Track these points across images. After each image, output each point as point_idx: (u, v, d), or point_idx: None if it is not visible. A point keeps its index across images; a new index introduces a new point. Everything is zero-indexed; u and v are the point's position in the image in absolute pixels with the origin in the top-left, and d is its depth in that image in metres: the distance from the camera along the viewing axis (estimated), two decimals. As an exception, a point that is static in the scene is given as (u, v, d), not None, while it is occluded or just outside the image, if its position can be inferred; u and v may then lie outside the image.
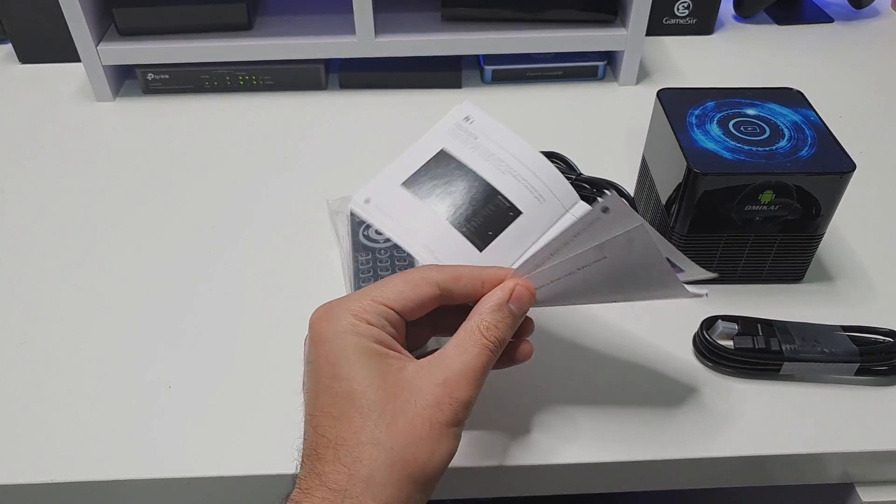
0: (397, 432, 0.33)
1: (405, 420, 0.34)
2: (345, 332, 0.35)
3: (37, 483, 0.43)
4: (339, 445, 0.33)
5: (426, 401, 0.34)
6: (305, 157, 0.69)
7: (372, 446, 0.33)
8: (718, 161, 0.49)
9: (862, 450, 0.44)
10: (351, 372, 0.34)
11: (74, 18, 0.72)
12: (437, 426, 0.34)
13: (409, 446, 0.33)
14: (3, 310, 0.53)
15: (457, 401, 0.34)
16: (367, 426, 0.33)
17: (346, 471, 0.33)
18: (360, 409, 0.34)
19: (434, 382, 0.35)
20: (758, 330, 0.48)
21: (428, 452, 0.33)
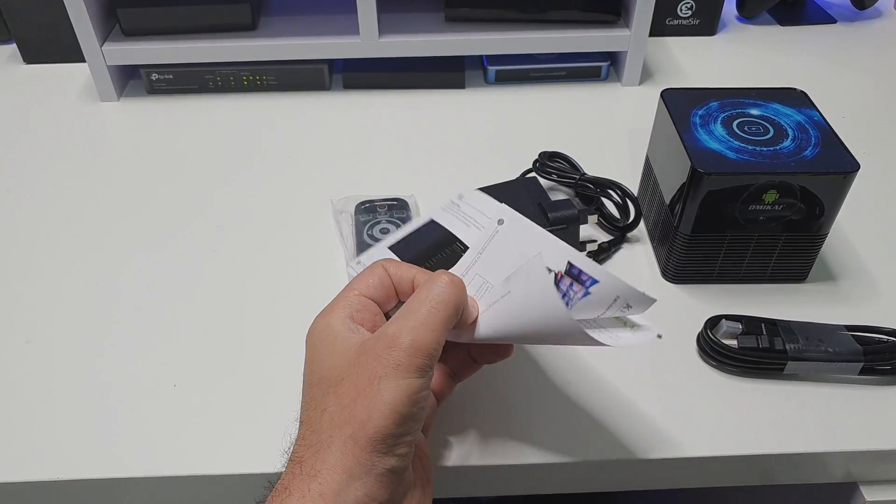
0: (342, 393, 0.34)
1: (348, 382, 0.34)
2: (322, 329, 0.37)
3: (43, 480, 0.43)
4: (303, 424, 0.35)
5: (368, 357, 0.34)
6: (309, 158, 0.69)
7: (322, 413, 0.34)
8: (722, 161, 0.49)
9: (866, 449, 0.44)
10: (322, 360, 0.36)
11: (79, 19, 0.72)
12: (377, 380, 0.33)
13: (348, 406, 0.33)
14: (9, 308, 0.54)
15: (396, 347, 0.34)
16: (322, 399, 0.35)
17: (304, 443, 0.34)
18: (321, 386, 0.35)
19: (376, 337, 0.35)
20: (762, 329, 0.48)
21: (366, 408, 0.33)
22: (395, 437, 0.33)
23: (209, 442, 0.44)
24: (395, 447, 0.33)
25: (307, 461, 0.33)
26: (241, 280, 0.56)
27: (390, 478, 0.34)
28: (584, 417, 0.45)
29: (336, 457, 0.33)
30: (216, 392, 0.47)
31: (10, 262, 0.58)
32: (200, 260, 0.58)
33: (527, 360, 0.49)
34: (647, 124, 0.59)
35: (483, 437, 0.45)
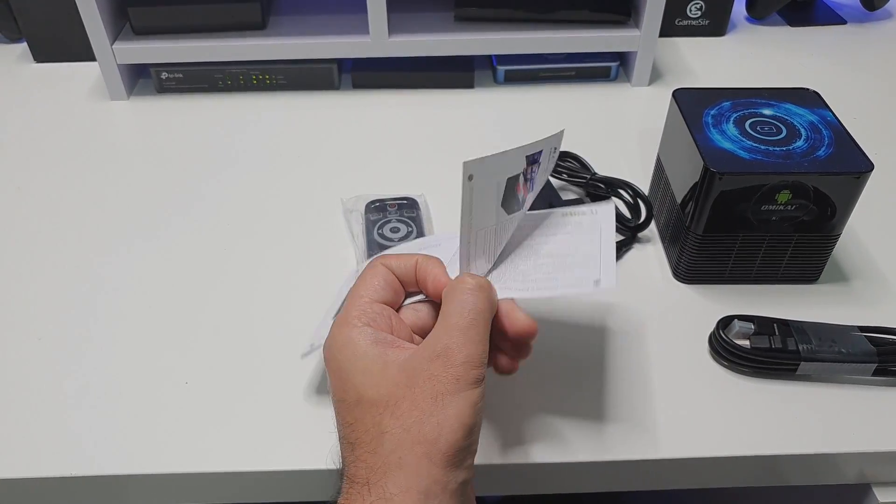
0: (402, 415, 0.34)
1: (407, 402, 0.34)
2: (344, 344, 0.36)
3: (55, 477, 0.43)
4: (356, 445, 0.35)
5: (423, 377, 0.34)
6: (319, 157, 0.70)
7: (382, 435, 0.34)
8: (735, 161, 0.48)
9: (879, 450, 0.44)
10: (356, 378, 0.35)
11: (90, 17, 0.72)
12: (440, 397, 0.34)
13: (415, 425, 0.33)
14: (21, 306, 0.54)
15: (451, 366, 0.34)
16: (376, 420, 0.34)
17: (364, 465, 0.34)
18: (369, 408, 0.35)
19: (425, 359, 0.35)
20: (774, 330, 0.48)
21: (435, 426, 0.33)
22: (465, 450, 0.34)
23: (221, 439, 0.44)
24: (465, 459, 0.34)
25: (375, 484, 0.33)
26: (253, 278, 0.56)
27: (462, 490, 0.34)
28: (594, 417, 0.45)
29: (410, 479, 0.33)
30: (228, 390, 0.47)
31: (21, 259, 0.58)
32: (212, 258, 0.58)
33: (534, 359, 0.48)
34: (657, 124, 0.59)
35: (489, 436, 0.44)
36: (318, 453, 0.43)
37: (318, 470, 0.43)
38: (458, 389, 0.34)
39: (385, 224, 0.58)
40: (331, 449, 0.41)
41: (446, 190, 0.62)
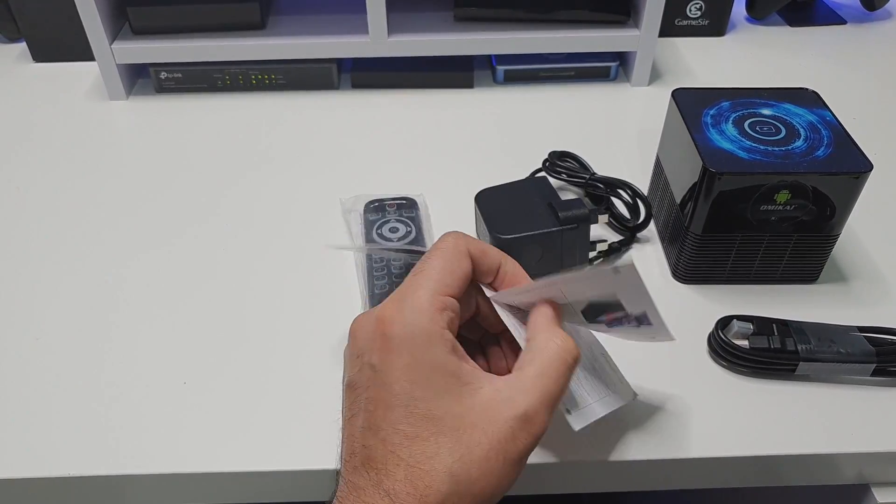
0: (471, 464, 0.32)
1: (480, 452, 0.32)
2: (423, 343, 0.34)
3: (52, 477, 0.43)
4: (411, 466, 0.32)
5: (503, 434, 0.33)
6: (318, 157, 0.70)
7: (445, 475, 0.32)
8: (734, 161, 0.48)
9: (878, 450, 0.44)
10: (429, 392, 0.33)
11: (89, 17, 0.72)
12: (511, 461, 0.33)
13: (480, 480, 0.32)
14: (18, 306, 0.54)
15: (533, 435, 0.33)
16: (441, 453, 0.32)
17: (416, 494, 0.32)
18: (436, 434, 0.32)
19: (513, 415, 0.33)
20: (773, 330, 0.48)
21: (496, 486, 0.33)
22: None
23: (218, 439, 0.44)
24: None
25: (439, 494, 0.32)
26: (251, 278, 0.56)
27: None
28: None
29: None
30: (226, 390, 0.47)
31: (19, 259, 0.58)
32: (210, 258, 0.58)
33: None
34: (657, 125, 0.59)
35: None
36: (317, 453, 0.43)
37: (317, 470, 0.43)
38: (525, 457, 0.34)
39: (384, 224, 0.58)
40: (336, 445, 0.41)
41: (445, 190, 0.62)
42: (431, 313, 0.34)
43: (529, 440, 0.33)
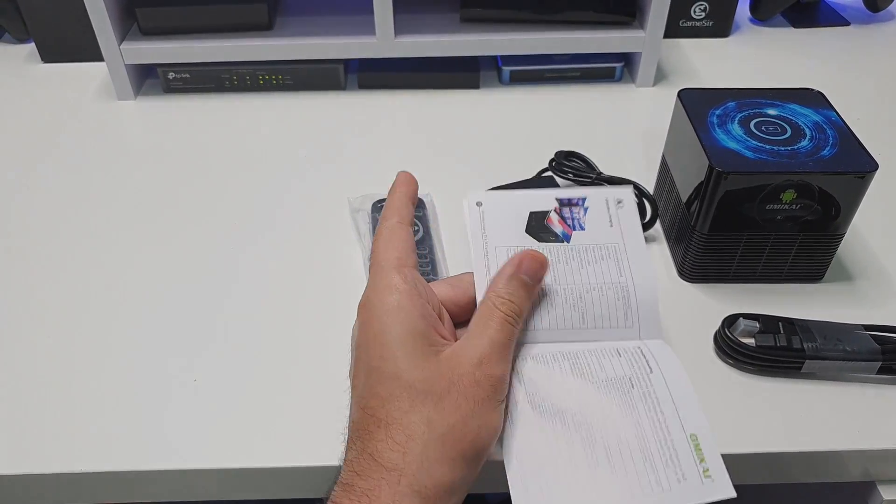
0: (445, 411, 0.35)
1: (451, 400, 0.35)
2: (392, 309, 0.37)
3: (66, 472, 0.43)
4: (390, 424, 0.35)
5: (467, 381, 0.36)
6: (325, 157, 0.70)
7: (423, 425, 0.34)
8: (740, 160, 0.49)
9: (884, 448, 0.44)
10: (397, 352, 0.36)
11: (98, 18, 0.72)
12: (481, 403, 0.35)
13: (458, 424, 0.34)
14: (30, 305, 0.54)
15: (492, 377, 0.36)
16: (416, 406, 0.35)
17: (399, 449, 0.34)
18: (408, 388, 0.35)
19: (470, 363, 0.36)
20: (779, 328, 0.48)
21: (475, 429, 0.35)
22: (486, 456, 0.36)
23: (228, 436, 0.45)
24: (481, 463, 0.36)
25: (408, 473, 0.33)
26: (259, 277, 0.56)
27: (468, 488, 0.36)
28: (602, 414, 0.46)
29: (445, 475, 0.34)
30: (235, 387, 0.48)
31: (29, 259, 0.58)
32: (218, 257, 0.58)
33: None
34: (662, 125, 0.59)
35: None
36: (324, 450, 0.44)
37: (324, 466, 0.43)
38: (495, 399, 0.36)
39: (392, 223, 0.58)
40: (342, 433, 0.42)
41: (453, 189, 0.63)
42: (395, 283, 0.37)
43: (491, 382, 0.36)
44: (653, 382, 0.40)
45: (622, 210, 0.45)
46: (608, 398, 0.39)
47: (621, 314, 0.43)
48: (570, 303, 0.43)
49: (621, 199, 0.45)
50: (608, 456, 0.37)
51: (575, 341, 0.42)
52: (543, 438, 0.38)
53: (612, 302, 0.43)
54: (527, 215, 0.45)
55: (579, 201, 0.45)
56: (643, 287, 0.43)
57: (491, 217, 0.44)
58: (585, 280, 0.43)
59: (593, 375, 0.40)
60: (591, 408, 0.39)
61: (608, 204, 0.45)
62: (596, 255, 0.44)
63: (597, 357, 0.41)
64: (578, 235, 0.44)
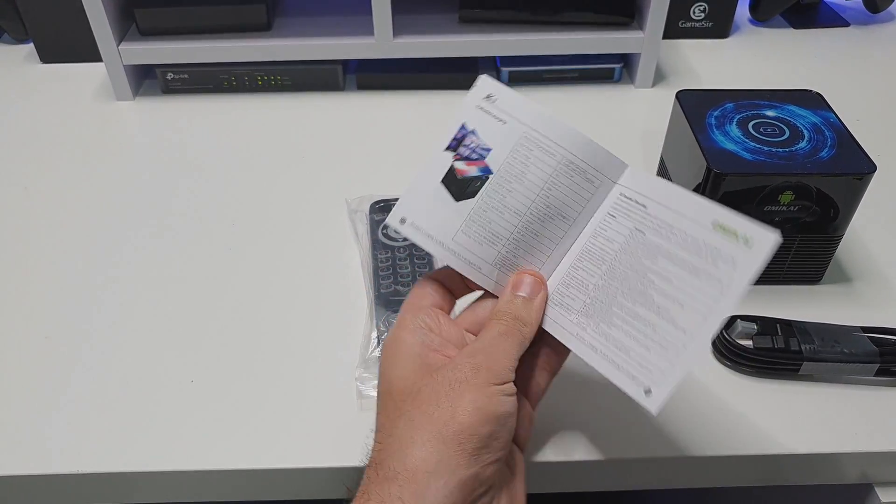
0: (421, 400, 0.35)
1: (428, 389, 0.35)
2: (394, 342, 0.38)
3: (62, 474, 0.43)
4: (378, 431, 0.36)
5: (446, 368, 0.36)
6: (323, 157, 0.70)
7: (400, 418, 0.35)
8: (738, 161, 0.49)
9: (881, 450, 0.44)
10: (392, 372, 0.37)
11: (97, 18, 0.72)
12: (457, 384, 0.35)
13: (431, 407, 0.34)
14: (28, 305, 0.54)
15: (473, 357, 0.36)
16: (397, 405, 0.36)
17: (380, 447, 0.35)
18: (395, 395, 0.36)
19: (462, 356, 0.37)
20: (777, 330, 0.48)
21: (449, 408, 0.34)
22: (481, 439, 0.34)
23: (224, 437, 0.45)
24: (482, 452, 0.34)
25: (384, 463, 0.34)
26: (257, 278, 0.56)
27: (473, 485, 0.33)
28: (597, 416, 0.46)
29: (418, 456, 0.33)
30: (232, 388, 0.48)
31: (28, 259, 0.58)
32: (216, 258, 0.58)
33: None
34: (661, 126, 0.59)
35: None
36: (321, 451, 0.44)
37: (322, 468, 0.43)
38: (477, 379, 0.35)
39: (389, 224, 0.58)
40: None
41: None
42: (404, 323, 0.39)
43: (474, 360, 0.36)
44: (653, 214, 0.38)
45: (498, 100, 0.40)
46: (632, 259, 0.38)
47: (585, 182, 0.40)
48: (541, 218, 0.40)
49: (489, 94, 0.40)
50: (664, 296, 0.37)
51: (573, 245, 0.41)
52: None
53: (570, 182, 0.40)
54: (445, 191, 0.40)
55: (462, 130, 0.40)
56: (574, 143, 0.39)
57: (422, 221, 0.40)
58: (533, 187, 0.40)
59: (606, 253, 0.39)
60: (626, 275, 0.38)
61: (483, 109, 0.40)
62: (520, 160, 0.40)
63: (597, 235, 0.40)
64: (493, 158, 0.40)
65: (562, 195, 0.40)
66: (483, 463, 0.34)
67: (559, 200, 0.40)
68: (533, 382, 0.41)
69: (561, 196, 0.40)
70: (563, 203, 0.40)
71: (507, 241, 0.40)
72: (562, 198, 0.40)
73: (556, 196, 0.40)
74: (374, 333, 0.50)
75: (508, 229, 0.40)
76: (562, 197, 0.40)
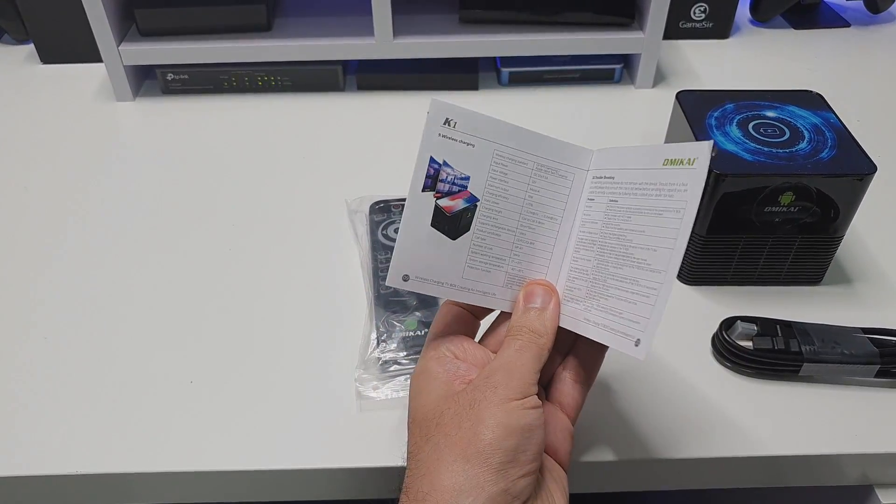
0: (444, 424, 0.36)
1: (450, 413, 0.36)
2: (421, 372, 0.39)
3: (60, 475, 0.43)
4: (408, 459, 0.37)
5: (467, 390, 0.36)
6: (323, 158, 0.70)
7: (425, 444, 0.36)
8: (738, 162, 0.49)
9: (882, 451, 0.44)
10: (418, 401, 0.38)
11: (97, 19, 0.72)
12: (477, 403, 0.35)
13: (454, 430, 0.35)
14: (27, 305, 0.54)
15: (492, 376, 0.36)
16: (423, 433, 0.36)
17: (410, 473, 0.36)
18: (421, 423, 0.37)
19: (480, 377, 0.37)
20: (777, 331, 0.48)
21: (470, 427, 0.34)
22: (506, 453, 0.34)
23: (223, 438, 0.45)
24: (509, 466, 0.33)
25: (413, 487, 0.34)
26: (256, 279, 0.56)
27: (504, 500, 0.33)
28: (597, 418, 0.46)
29: (444, 478, 0.33)
30: (231, 389, 0.48)
31: (27, 259, 0.58)
32: (216, 259, 0.58)
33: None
34: (661, 126, 0.59)
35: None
36: (321, 452, 0.44)
37: (324, 468, 0.43)
38: (496, 396, 0.35)
39: (389, 225, 0.58)
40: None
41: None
42: (428, 353, 0.39)
43: (492, 379, 0.36)
44: (619, 180, 0.39)
45: (458, 123, 0.39)
46: (613, 229, 0.39)
47: (560, 180, 0.40)
48: (531, 226, 0.40)
49: (446, 119, 0.39)
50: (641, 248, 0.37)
51: (568, 241, 0.41)
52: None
53: (547, 184, 0.40)
54: (438, 234, 0.39)
55: (433, 164, 0.39)
56: (541, 146, 0.40)
57: (426, 271, 0.39)
58: (517, 200, 0.40)
59: (594, 235, 0.40)
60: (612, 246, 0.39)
61: (446, 136, 0.39)
62: (500, 178, 0.39)
63: (584, 222, 0.40)
64: (474, 185, 0.39)
65: (543, 199, 0.41)
66: (511, 478, 0.33)
67: (542, 204, 0.41)
68: (567, 395, 0.41)
69: (543, 200, 0.40)
70: (547, 205, 0.41)
71: (510, 260, 0.41)
72: (544, 201, 0.41)
73: (539, 201, 0.40)
74: (374, 334, 0.50)
75: (508, 248, 0.40)
76: (544, 200, 0.41)
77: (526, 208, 0.40)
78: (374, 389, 0.46)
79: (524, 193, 0.40)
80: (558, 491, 0.37)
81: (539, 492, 0.36)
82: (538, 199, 0.40)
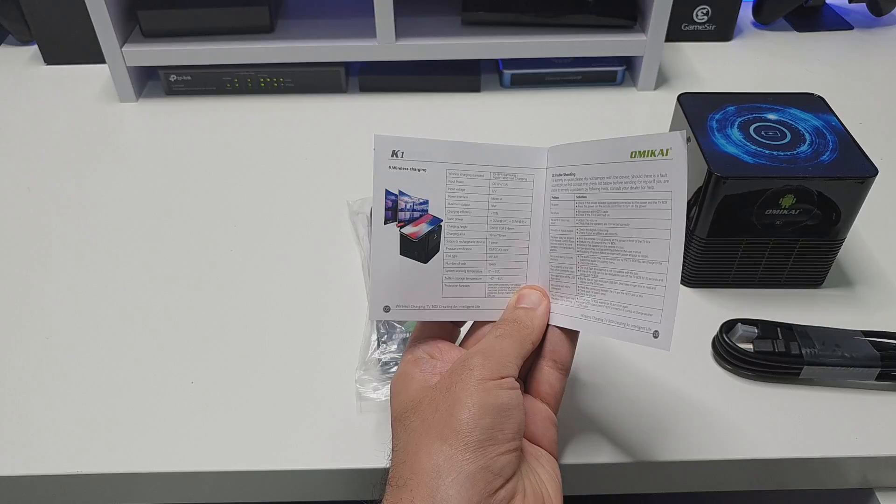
0: (420, 410, 0.36)
1: (427, 400, 0.36)
2: (402, 374, 0.39)
3: (62, 474, 0.43)
4: (392, 452, 0.37)
5: (443, 379, 0.37)
6: (325, 159, 0.70)
7: (402, 431, 0.36)
8: (739, 165, 0.49)
9: (882, 455, 0.44)
10: (398, 398, 0.38)
11: (100, 20, 0.73)
12: (453, 386, 0.35)
13: (430, 414, 0.35)
14: (29, 305, 0.54)
15: (467, 361, 0.36)
16: (403, 424, 0.37)
17: (391, 462, 0.36)
18: (401, 416, 0.37)
19: (458, 361, 0.37)
20: (777, 333, 0.48)
21: (446, 409, 0.35)
22: (483, 431, 0.33)
23: (225, 438, 0.45)
24: (487, 444, 0.33)
25: (394, 476, 0.34)
26: (258, 280, 0.56)
27: (486, 477, 0.33)
28: (597, 420, 0.46)
29: (425, 460, 0.33)
30: (232, 390, 0.48)
31: (29, 259, 0.58)
32: (218, 259, 0.58)
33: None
34: (662, 128, 0.59)
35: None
36: (321, 452, 0.44)
37: (322, 470, 0.43)
38: (472, 377, 0.35)
39: (390, 226, 0.58)
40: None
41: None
42: (408, 358, 0.39)
43: (467, 363, 0.36)
44: (581, 176, 0.39)
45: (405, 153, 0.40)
46: (589, 225, 0.39)
47: (520, 183, 0.41)
48: (502, 233, 0.41)
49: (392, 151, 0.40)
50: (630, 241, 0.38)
51: (541, 241, 0.41)
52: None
53: (507, 190, 0.41)
54: (409, 261, 0.39)
55: (390, 197, 0.39)
56: (492, 155, 0.40)
57: (405, 299, 0.40)
58: (480, 211, 0.40)
59: (569, 231, 0.40)
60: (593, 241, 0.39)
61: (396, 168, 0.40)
62: (458, 195, 0.40)
63: (553, 220, 0.41)
64: (434, 206, 0.40)
65: (507, 205, 0.41)
66: (490, 455, 0.33)
67: (508, 210, 0.41)
68: (545, 384, 0.40)
69: (507, 206, 0.41)
70: (512, 210, 0.41)
71: (487, 270, 0.41)
72: (508, 207, 0.41)
73: (503, 208, 0.41)
74: (374, 336, 0.50)
75: (482, 259, 0.41)
76: (508, 206, 0.41)
77: (492, 217, 0.41)
78: (375, 391, 0.47)
79: (486, 204, 0.41)
80: (546, 475, 0.37)
81: (526, 473, 0.36)
82: (502, 206, 0.41)
